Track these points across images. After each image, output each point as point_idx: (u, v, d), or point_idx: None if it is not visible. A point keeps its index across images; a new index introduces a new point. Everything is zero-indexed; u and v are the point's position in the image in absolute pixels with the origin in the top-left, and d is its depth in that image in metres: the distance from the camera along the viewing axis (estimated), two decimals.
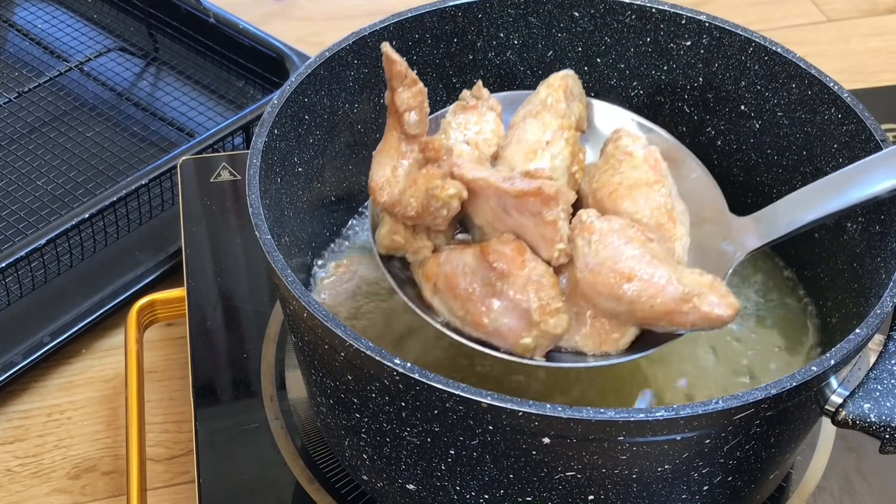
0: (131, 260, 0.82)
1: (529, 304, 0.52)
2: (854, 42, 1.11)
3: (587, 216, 0.54)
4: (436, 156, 0.55)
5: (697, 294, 0.51)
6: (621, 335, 0.54)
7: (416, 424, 0.50)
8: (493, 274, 0.53)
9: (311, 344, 0.54)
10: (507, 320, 0.53)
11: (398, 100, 0.55)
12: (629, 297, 0.51)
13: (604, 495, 0.51)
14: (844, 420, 0.50)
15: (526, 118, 0.60)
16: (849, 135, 0.61)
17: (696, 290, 0.51)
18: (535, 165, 0.58)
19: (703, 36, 0.66)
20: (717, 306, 0.51)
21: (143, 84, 0.99)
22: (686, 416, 0.46)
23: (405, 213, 0.55)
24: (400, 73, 0.55)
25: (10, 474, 0.71)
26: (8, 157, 0.89)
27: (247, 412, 0.66)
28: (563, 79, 0.61)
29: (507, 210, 0.54)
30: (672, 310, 0.51)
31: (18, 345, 0.75)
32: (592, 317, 0.54)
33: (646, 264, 0.52)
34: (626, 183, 0.57)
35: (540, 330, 0.52)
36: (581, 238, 0.53)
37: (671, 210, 0.57)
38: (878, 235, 0.58)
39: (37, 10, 1.06)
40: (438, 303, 0.56)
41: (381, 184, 0.56)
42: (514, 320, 0.53)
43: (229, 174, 0.80)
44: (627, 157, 0.58)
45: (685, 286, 0.51)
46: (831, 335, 0.64)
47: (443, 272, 0.55)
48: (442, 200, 0.54)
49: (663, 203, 0.56)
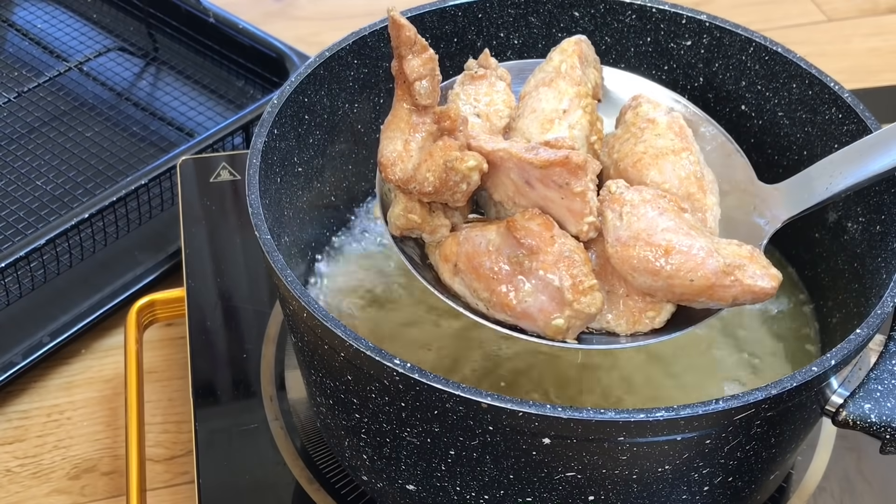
0: (131, 260, 0.82)
1: (561, 283, 0.49)
2: (854, 42, 1.11)
3: (616, 187, 0.51)
4: (452, 126, 0.51)
5: (739, 266, 0.48)
6: (657, 313, 0.51)
7: (415, 425, 0.50)
8: (521, 251, 0.50)
9: (311, 344, 0.54)
10: (537, 301, 0.50)
11: (408, 68, 0.52)
12: (667, 271, 0.49)
13: (604, 496, 0.50)
14: (845, 420, 0.50)
15: (539, 87, 0.56)
16: (849, 135, 0.61)
17: (737, 261, 0.49)
18: (552, 136, 0.54)
19: (704, 36, 0.66)
20: (759, 278, 0.49)
21: (143, 84, 0.99)
22: (686, 417, 0.46)
23: (422, 188, 0.51)
24: (409, 39, 0.52)
25: (9, 475, 0.71)
26: (8, 157, 0.89)
27: (246, 412, 0.66)
28: (576, 43, 0.58)
29: (531, 183, 0.50)
30: (713, 284, 0.49)
31: (18, 345, 0.75)
32: (625, 295, 0.51)
33: (684, 236, 0.49)
34: (650, 152, 0.54)
35: (573, 309, 0.49)
36: (611, 210, 0.50)
37: (700, 179, 0.53)
38: (879, 235, 0.58)
39: (36, 10, 1.06)
40: (459, 285, 0.53)
41: (393, 159, 0.52)
42: (544, 300, 0.50)
43: (229, 174, 0.80)
44: (650, 124, 0.55)
45: (725, 258, 0.49)
46: (831, 335, 0.63)
47: (464, 251, 0.52)
48: (461, 173, 0.50)
49: (692, 171, 0.53)
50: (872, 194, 0.59)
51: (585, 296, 0.49)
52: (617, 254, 0.50)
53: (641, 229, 0.49)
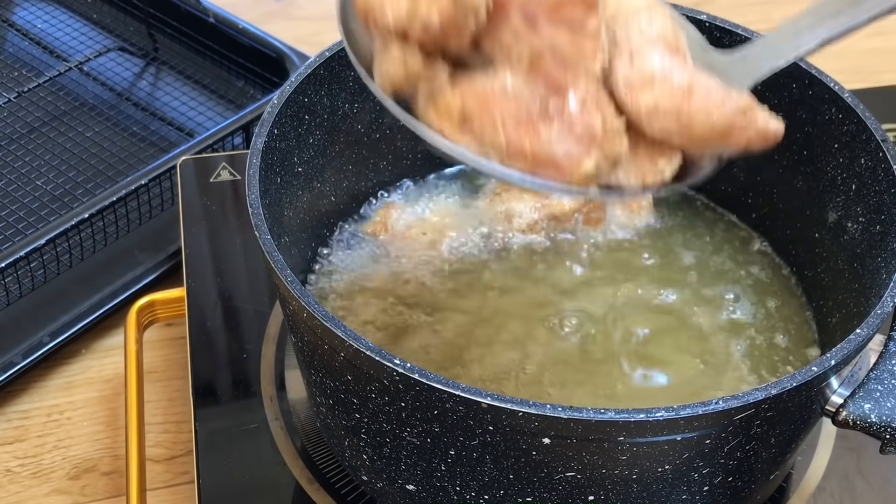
0: (131, 260, 0.82)
1: (592, 121, 0.46)
2: (854, 42, 1.11)
3: (621, 31, 0.48)
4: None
5: (751, 107, 0.47)
6: (668, 161, 0.49)
7: (415, 425, 0.50)
8: (547, 91, 0.46)
9: (311, 344, 0.54)
10: (564, 144, 0.46)
11: None
12: (691, 109, 0.47)
13: (604, 496, 0.50)
14: (845, 420, 0.50)
15: None
16: (849, 135, 0.61)
17: (748, 103, 0.47)
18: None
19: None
20: (770, 120, 0.48)
21: (143, 84, 0.99)
22: (686, 417, 0.46)
23: (428, 25, 0.46)
24: None
25: (9, 475, 0.71)
26: (8, 157, 0.89)
27: (246, 412, 0.66)
28: None
29: (536, 24, 0.46)
30: (732, 123, 0.47)
31: (18, 345, 0.75)
32: (634, 145, 0.49)
33: (700, 75, 0.47)
34: (623, 11, 0.51)
35: (604, 151, 0.46)
36: (618, 56, 0.48)
37: (678, 35, 0.51)
38: (879, 235, 0.58)
39: (36, 10, 1.06)
40: (468, 138, 0.48)
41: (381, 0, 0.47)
42: (571, 143, 0.46)
43: (229, 174, 0.80)
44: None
45: (738, 99, 0.47)
46: (831, 335, 0.63)
47: (473, 97, 0.47)
48: (470, 6, 0.46)
49: (670, 27, 0.51)
50: (872, 194, 0.59)
51: (616, 136, 0.47)
52: (631, 99, 0.48)
53: (656, 71, 0.47)
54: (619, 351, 0.63)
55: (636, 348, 0.64)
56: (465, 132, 0.48)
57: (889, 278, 0.53)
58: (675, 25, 0.51)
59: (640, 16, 0.50)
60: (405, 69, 0.47)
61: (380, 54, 0.48)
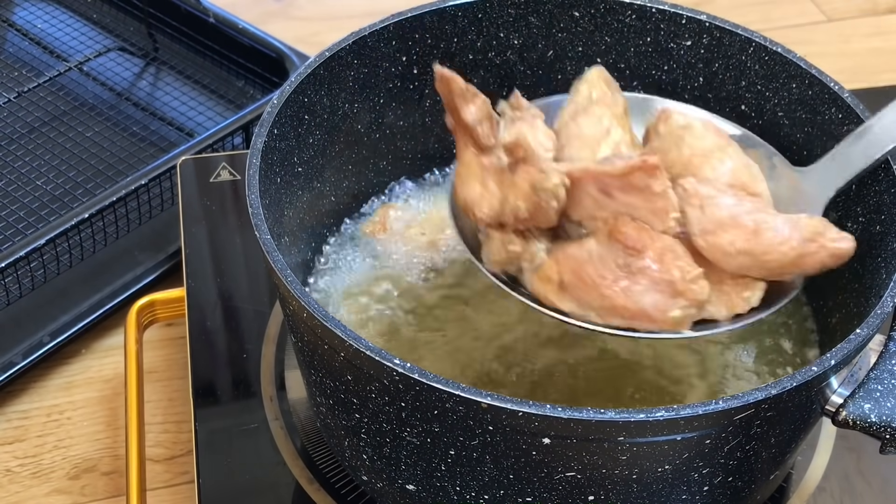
0: (131, 260, 0.82)
1: (672, 275, 0.51)
2: (854, 42, 1.11)
3: (689, 184, 0.53)
4: (526, 155, 0.53)
5: (819, 233, 0.52)
6: (752, 292, 0.54)
7: (415, 425, 0.50)
8: (627, 253, 0.52)
9: (311, 344, 0.54)
10: (651, 297, 0.52)
11: (467, 116, 0.54)
12: (762, 247, 0.52)
13: (604, 496, 0.51)
14: (845, 420, 0.50)
15: (576, 117, 0.59)
16: (849, 135, 0.61)
17: (816, 229, 0.52)
18: (603, 155, 0.57)
19: (704, 36, 0.66)
20: (839, 240, 0.52)
21: (143, 84, 0.99)
22: (686, 417, 0.46)
23: (517, 215, 0.53)
24: (461, 90, 0.54)
25: (9, 474, 0.71)
26: (8, 157, 0.89)
27: (246, 412, 0.66)
28: (599, 72, 0.60)
29: (610, 193, 0.53)
30: (802, 252, 0.52)
31: (18, 345, 0.75)
32: (717, 282, 0.53)
33: (766, 215, 0.52)
34: (697, 153, 0.56)
35: (687, 298, 0.52)
36: (689, 206, 0.53)
37: (749, 167, 0.57)
38: (879, 235, 0.58)
39: (36, 10, 1.06)
40: (569, 301, 0.54)
41: (478, 200, 0.55)
42: (657, 295, 0.52)
43: (229, 174, 0.80)
44: (686, 130, 0.57)
45: (805, 229, 0.52)
46: (831, 335, 0.63)
47: (568, 267, 0.53)
48: (549, 192, 0.52)
49: (741, 162, 0.56)
50: (872, 194, 0.59)
51: (695, 283, 0.52)
52: (707, 243, 0.53)
53: (725, 216, 0.52)
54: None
55: (635, 347, 0.64)
56: (565, 297, 0.53)
57: (889, 278, 0.53)
58: (745, 160, 0.56)
59: (712, 159, 0.56)
60: (506, 253, 0.55)
61: (485, 243, 0.56)
